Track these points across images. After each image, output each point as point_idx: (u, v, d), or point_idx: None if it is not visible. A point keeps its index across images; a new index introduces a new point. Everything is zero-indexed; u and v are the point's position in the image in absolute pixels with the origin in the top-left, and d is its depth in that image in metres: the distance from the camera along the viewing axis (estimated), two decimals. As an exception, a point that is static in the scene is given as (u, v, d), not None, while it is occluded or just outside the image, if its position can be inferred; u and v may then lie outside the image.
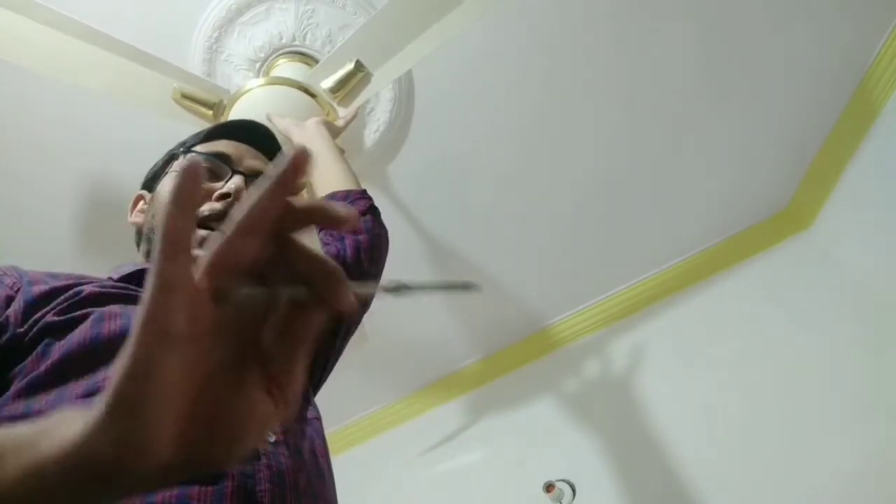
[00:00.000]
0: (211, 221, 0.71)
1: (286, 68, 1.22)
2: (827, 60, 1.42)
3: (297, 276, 0.31)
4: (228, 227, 0.30)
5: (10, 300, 0.56)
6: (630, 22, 1.28)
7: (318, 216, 0.32)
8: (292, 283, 0.31)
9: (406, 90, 1.32)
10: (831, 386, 1.54)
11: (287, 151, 0.31)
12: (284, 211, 0.31)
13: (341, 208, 0.32)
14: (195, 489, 0.47)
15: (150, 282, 0.28)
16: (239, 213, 0.30)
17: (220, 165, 0.77)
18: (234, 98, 1.14)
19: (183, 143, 0.83)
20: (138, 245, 0.80)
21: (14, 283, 0.59)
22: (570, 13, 1.24)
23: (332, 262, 0.31)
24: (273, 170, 0.31)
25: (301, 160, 0.31)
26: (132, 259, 0.79)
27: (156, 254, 0.28)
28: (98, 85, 1.06)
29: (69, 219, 1.38)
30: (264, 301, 0.31)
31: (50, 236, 1.39)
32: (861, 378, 1.51)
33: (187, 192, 0.28)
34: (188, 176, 0.29)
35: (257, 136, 0.85)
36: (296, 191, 0.31)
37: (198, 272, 0.29)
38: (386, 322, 1.70)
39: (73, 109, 1.22)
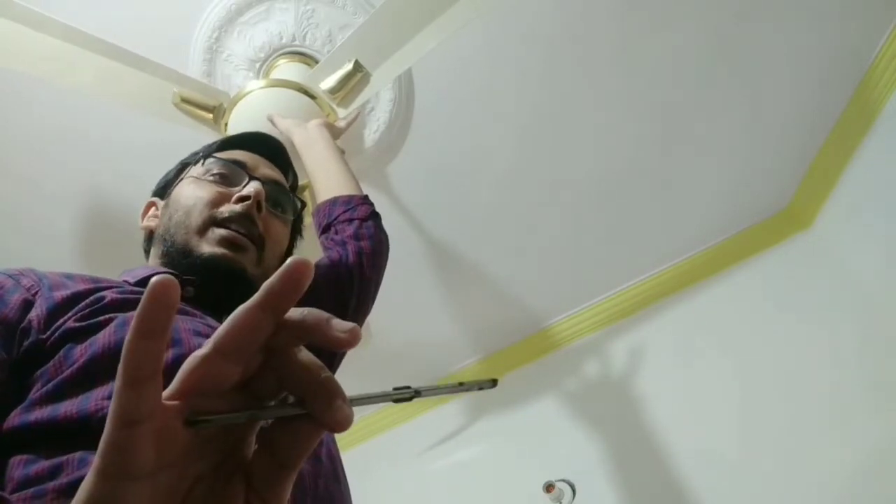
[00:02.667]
0: (230, 223, 0.72)
1: (286, 68, 1.22)
2: (827, 60, 1.41)
3: (286, 387, 0.28)
4: (207, 346, 0.27)
5: (28, 304, 0.56)
6: (630, 22, 1.27)
7: (317, 335, 0.28)
8: (281, 395, 0.28)
9: (406, 90, 1.32)
10: (831, 385, 1.54)
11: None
12: (276, 329, 0.27)
13: (343, 327, 0.27)
14: None
15: (109, 414, 0.25)
16: (219, 331, 0.27)
17: (237, 171, 0.78)
18: (235, 101, 1.14)
19: (196, 153, 0.83)
20: (147, 251, 0.80)
21: (32, 285, 0.58)
22: (570, 12, 1.24)
23: (326, 373, 0.28)
24: (266, 283, 0.27)
25: (298, 274, 0.27)
26: (133, 261, 0.78)
27: (116, 384, 0.25)
28: (98, 90, 1.06)
29: (69, 221, 1.37)
30: (248, 421, 0.28)
31: (49, 236, 1.39)
32: (861, 377, 1.52)
33: (153, 319, 0.25)
34: (155, 297, 0.25)
35: (270, 149, 0.86)
36: (290, 305, 0.27)
37: (169, 394, 0.26)
38: (387, 322, 1.70)
39: (73, 111, 1.21)
